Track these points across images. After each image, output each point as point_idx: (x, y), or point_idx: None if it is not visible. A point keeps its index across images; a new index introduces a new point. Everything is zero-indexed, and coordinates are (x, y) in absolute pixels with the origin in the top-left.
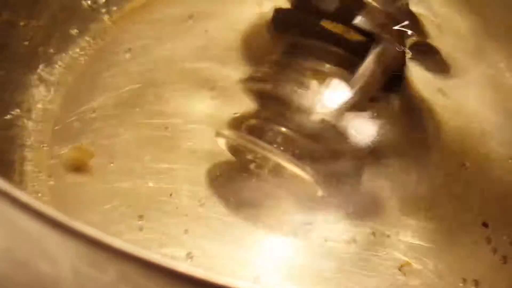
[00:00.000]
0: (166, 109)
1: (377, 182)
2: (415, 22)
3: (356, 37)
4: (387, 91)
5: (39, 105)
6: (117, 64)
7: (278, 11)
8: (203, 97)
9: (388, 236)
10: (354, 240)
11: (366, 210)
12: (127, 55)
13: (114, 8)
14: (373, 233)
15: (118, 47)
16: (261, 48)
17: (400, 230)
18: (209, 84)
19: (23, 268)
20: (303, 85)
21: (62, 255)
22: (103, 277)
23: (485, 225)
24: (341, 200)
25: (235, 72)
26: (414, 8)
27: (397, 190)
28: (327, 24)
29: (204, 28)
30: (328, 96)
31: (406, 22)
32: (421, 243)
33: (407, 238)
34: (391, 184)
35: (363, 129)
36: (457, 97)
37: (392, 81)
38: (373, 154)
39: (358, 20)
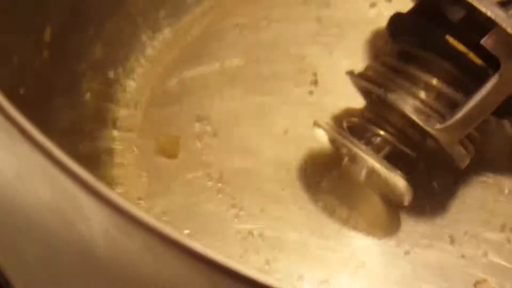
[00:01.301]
0: (264, 88)
1: (468, 198)
2: None
3: (476, 60)
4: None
5: (142, 67)
6: (224, 38)
7: (397, 16)
8: (304, 82)
9: (468, 249)
10: (431, 246)
11: (449, 222)
12: (236, 30)
13: None
14: (452, 243)
15: (228, 22)
16: (378, 47)
17: (481, 245)
18: (312, 70)
19: (66, 225)
20: (412, 95)
21: (97, 217)
22: (130, 244)
23: None
24: (427, 211)
25: (343, 62)
26: None
27: (486, 205)
28: (451, 40)
29: (317, 15)
30: (434, 111)
31: None
32: (503, 262)
33: (488, 255)
34: (481, 200)
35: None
36: None
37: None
38: (470, 171)
39: (484, 41)
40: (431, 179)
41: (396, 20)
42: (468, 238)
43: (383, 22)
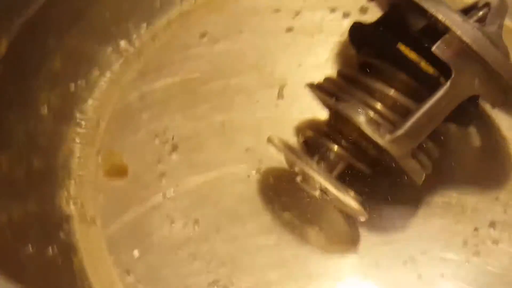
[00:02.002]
0: (228, 102)
1: (430, 218)
2: None
3: (428, 68)
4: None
5: (104, 81)
6: (190, 48)
7: (356, 26)
8: (270, 96)
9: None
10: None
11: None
12: (203, 40)
13: None
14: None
15: (196, 31)
16: (348, 59)
17: (439, 265)
18: (280, 83)
19: None
20: (366, 105)
21: None
22: None
23: None
24: (388, 230)
25: (312, 74)
26: None
27: (447, 226)
28: (402, 48)
29: (288, 25)
30: (387, 121)
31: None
32: (460, 283)
33: (445, 275)
34: (443, 221)
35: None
36: None
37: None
38: (433, 190)
39: (436, 47)
40: (392, 197)
41: (356, 30)
42: (427, 259)
43: None
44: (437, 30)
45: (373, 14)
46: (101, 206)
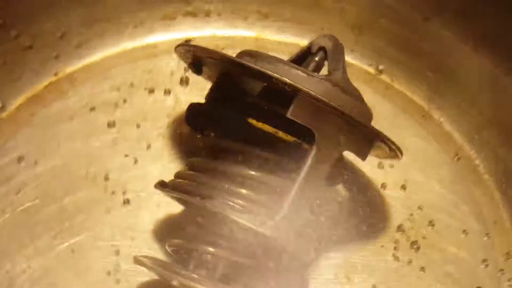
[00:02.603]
0: (71, 225)
1: None
2: None
3: (286, 137)
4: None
5: None
6: (12, 179)
7: (192, 109)
8: (116, 205)
9: None
10: None
11: None
12: (22, 164)
13: None
14: None
15: (12, 158)
16: (182, 148)
17: None
18: (121, 187)
19: None
20: (231, 194)
21: None
22: None
23: None
24: None
25: (150, 169)
26: None
27: None
28: (254, 122)
29: (109, 120)
30: (261, 206)
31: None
32: None
33: None
34: None
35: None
36: None
37: None
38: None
39: (290, 113)
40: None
41: (193, 112)
42: None
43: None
44: (277, 90)
45: (193, 86)
46: None
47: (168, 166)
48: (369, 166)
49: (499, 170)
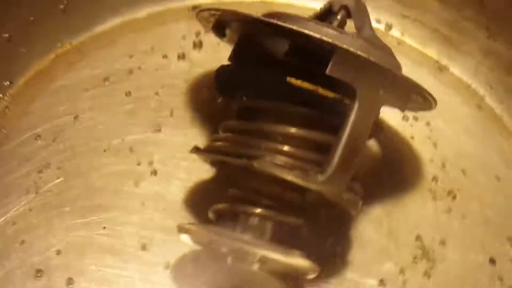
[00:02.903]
0: (101, 201)
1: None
2: None
3: (328, 93)
4: None
5: None
6: (28, 155)
7: (222, 71)
8: (144, 176)
9: None
10: None
11: None
12: (39, 142)
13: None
14: None
15: (24, 133)
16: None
17: None
18: (148, 159)
19: None
20: (275, 152)
21: None
22: None
23: None
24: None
25: (176, 139)
26: None
27: None
28: (293, 81)
29: (125, 89)
30: (307, 162)
31: None
32: None
33: None
34: None
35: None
36: None
37: None
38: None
39: (330, 70)
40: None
41: (223, 76)
42: None
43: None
44: (307, 48)
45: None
46: None
47: (193, 132)
48: (394, 120)
49: None
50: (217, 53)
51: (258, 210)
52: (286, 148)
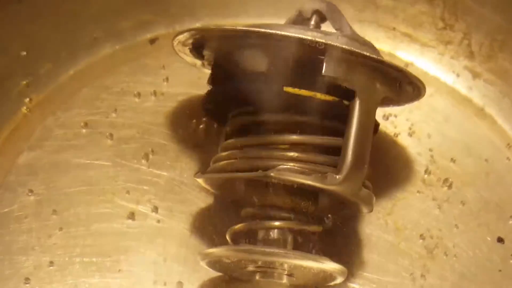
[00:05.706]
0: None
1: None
2: None
3: (326, 97)
4: None
5: None
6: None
7: (210, 95)
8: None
9: None
10: None
11: None
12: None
13: None
14: None
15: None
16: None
17: None
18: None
19: None
20: (288, 160)
21: None
22: None
23: None
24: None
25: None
26: None
27: None
28: (290, 90)
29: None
30: (322, 165)
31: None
32: None
33: None
34: None
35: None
36: None
37: None
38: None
39: (325, 71)
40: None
41: (209, 101)
42: None
43: None
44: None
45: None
46: None
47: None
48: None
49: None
50: (186, 82)
51: (280, 223)
52: (297, 155)
